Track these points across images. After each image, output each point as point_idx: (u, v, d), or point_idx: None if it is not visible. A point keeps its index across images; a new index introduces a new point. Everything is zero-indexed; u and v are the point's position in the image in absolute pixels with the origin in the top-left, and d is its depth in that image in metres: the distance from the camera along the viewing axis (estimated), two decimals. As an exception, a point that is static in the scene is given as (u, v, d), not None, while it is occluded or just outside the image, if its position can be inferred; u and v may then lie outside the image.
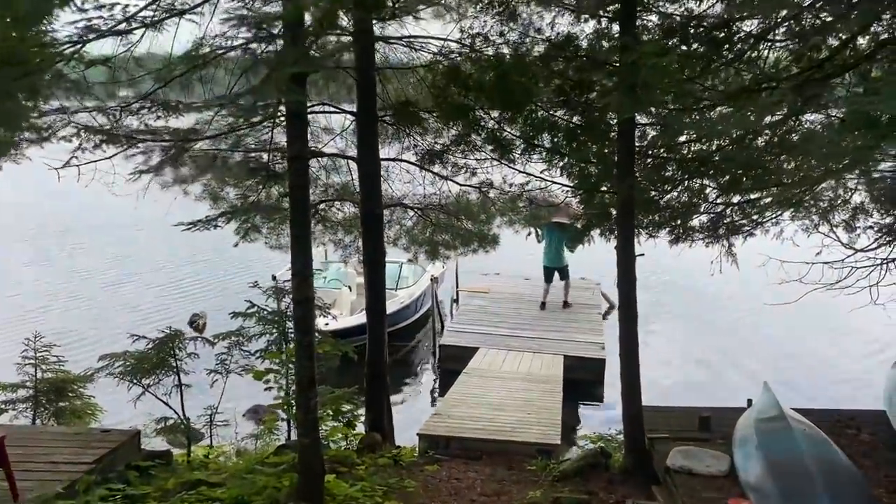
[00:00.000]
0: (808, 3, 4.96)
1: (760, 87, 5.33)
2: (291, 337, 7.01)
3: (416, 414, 9.41)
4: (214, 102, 4.47)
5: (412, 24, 6.33)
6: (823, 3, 4.89)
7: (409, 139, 7.46)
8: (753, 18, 5.66)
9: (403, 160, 7.62)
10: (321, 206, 7.77)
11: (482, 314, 12.99)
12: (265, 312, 7.54)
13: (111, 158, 5.05)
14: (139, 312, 13.51)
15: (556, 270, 13.18)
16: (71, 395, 8.11)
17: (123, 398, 7.21)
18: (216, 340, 7.43)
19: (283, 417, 7.50)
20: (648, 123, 6.62)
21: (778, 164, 6.50)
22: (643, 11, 5.97)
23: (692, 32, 5.71)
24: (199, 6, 4.70)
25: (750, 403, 6.72)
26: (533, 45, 6.40)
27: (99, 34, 4.48)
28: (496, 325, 12.37)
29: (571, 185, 7.09)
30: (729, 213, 7.26)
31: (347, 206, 8.10)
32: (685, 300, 14.89)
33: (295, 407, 5.87)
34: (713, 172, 6.73)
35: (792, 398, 7.72)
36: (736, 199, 7.14)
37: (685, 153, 6.78)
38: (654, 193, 6.99)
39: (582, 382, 10.54)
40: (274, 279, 8.77)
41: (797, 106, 5.05)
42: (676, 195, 7.09)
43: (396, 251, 8.47)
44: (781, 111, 5.32)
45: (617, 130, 6.31)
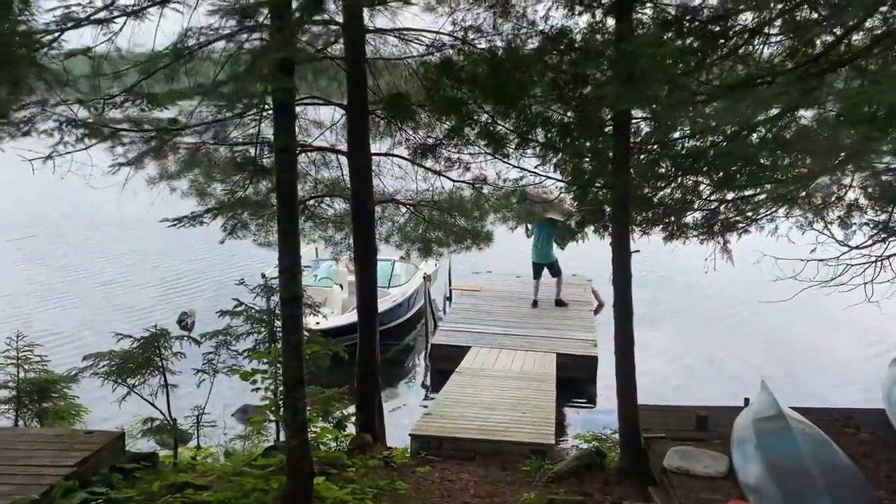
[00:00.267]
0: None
1: (757, 81, 5.27)
2: (280, 336, 6.87)
3: (407, 414, 9.30)
4: (197, 90, 4.31)
5: (403, 12, 6.20)
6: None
7: (400, 133, 7.32)
8: (748, 12, 5.60)
9: (395, 155, 7.48)
10: (311, 202, 7.64)
11: (474, 313, 12.88)
12: (253, 311, 7.42)
13: (88, 150, 4.88)
14: (131, 312, 13.30)
15: (544, 266, 13.06)
16: (54, 395, 7.94)
17: (108, 399, 7.06)
18: (203, 340, 7.31)
19: (271, 419, 7.37)
20: (643, 118, 6.53)
21: (773, 160, 6.43)
22: (637, 3, 5.87)
23: (687, 27, 5.65)
24: (182, -7, 4.55)
25: (747, 402, 6.63)
26: (527, 38, 6.30)
27: (78, 22, 4.31)
28: (488, 323, 12.28)
29: (566, 181, 6.99)
30: (723, 209, 7.20)
31: (338, 202, 7.96)
32: (680, 297, 14.80)
33: (283, 408, 5.73)
34: (707, 169, 6.65)
35: (789, 395, 7.63)
36: (730, 195, 7.08)
37: (679, 149, 6.70)
38: (647, 190, 6.90)
39: (575, 380, 10.44)
40: (263, 277, 8.64)
41: (798, 98, 4.96)
42: (670, 192, 7.01)
43: (388, 248, 8.33)
44: (779, 105, 5.24)
45: (613, 124, 6.22)
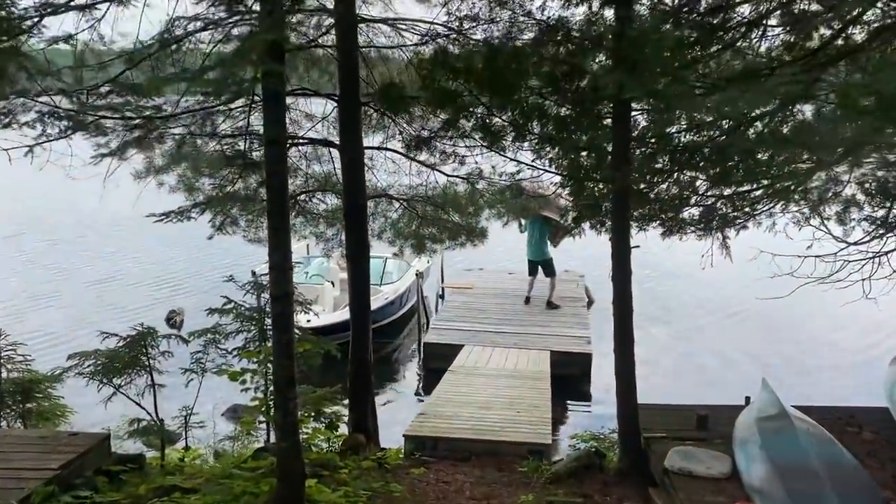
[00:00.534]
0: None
1: (755, 74, 5.18)
2: (270, 334, 6.72)
3: (401, 414, 9.13)
4: (183, 76, 4.14)
5: (397, 2, 6.04)
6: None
7: (394, 126, 7.16)
8: (746, 4, 5.50)
9: (389, 149, 7.32)
10: (301, 196, 7.48)
11: (466, 311, 12.75)
12: (243, 308, 7.25)
13: (69, 139, 4.70)
14: (122, 310, 13.11)
15: (539, 264, 12.95)
16: (38, 396, 7.77)
17: (94, 399, 6.87)
18: (191, 338, 7.13)
19: (261, 419, 7.21)
20: (641, 110, 6.42)
21: (770, 155, 6.34)
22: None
23: (685, 18, 5.55)
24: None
25: (748, 401, 6.52)
26: (523, 28, 6.17)
27: (57, 8, 4.13)
28: (481, 321, 12.16)
29: (562, 174, 6.86)
30: (720, 205, 7.11)
31: (329, 197, 7.80)
32: (678, 294, 14.70)
33: (273, 409, 5.57)
34: (704, 164, 6.56)
35: (789, 394, 7.53)
36: (727, 191, 6.99)
37: (676, 144, 6.60)
38: (644, 186, 6.80)
39: (569, 378, 10.32)
40: (253, 274, 8.47)
41: (800, 91, 4.86)
42: (667, 187, 6.93)
43: (381, 245, 8.18)
44: (780, 97, 5.15)
45: (612, 116, 6.10)
